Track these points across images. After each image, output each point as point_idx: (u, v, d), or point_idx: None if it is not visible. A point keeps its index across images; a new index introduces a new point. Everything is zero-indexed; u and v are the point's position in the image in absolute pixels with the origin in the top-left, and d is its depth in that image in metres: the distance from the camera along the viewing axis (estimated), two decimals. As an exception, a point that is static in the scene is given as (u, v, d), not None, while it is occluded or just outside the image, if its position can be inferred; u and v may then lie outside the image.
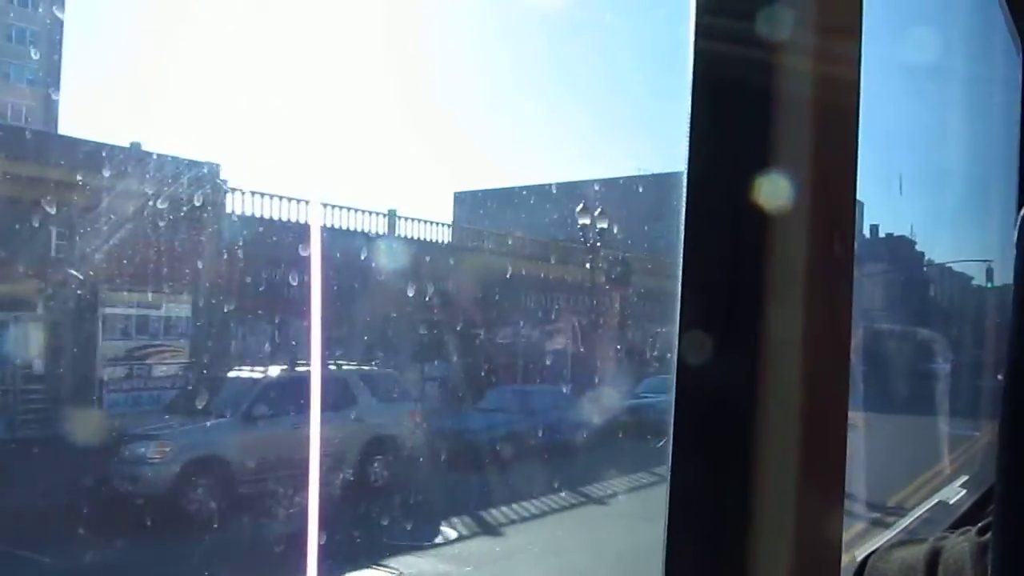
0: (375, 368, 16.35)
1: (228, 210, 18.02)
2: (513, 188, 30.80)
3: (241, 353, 16.14)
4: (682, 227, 1.10)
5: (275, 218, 18.65)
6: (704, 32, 1.06)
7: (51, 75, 20.32)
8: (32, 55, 21.90)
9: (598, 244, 21.42)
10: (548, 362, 22.39)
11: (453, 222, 22.23)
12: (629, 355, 25.11)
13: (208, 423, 12.33)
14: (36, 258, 14.56)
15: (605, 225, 21.45)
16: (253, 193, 18.50)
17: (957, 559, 0.99)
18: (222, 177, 17.65)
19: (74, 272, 14.73)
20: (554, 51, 30.58)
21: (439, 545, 10.35)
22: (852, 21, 1.11)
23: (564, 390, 20.78)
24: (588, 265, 21.43)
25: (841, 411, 1.11)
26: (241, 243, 17.74)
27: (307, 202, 19.79)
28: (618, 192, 27.05)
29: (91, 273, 14.90)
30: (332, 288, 18.30)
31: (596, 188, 24.48)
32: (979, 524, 1.03)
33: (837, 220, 1.09)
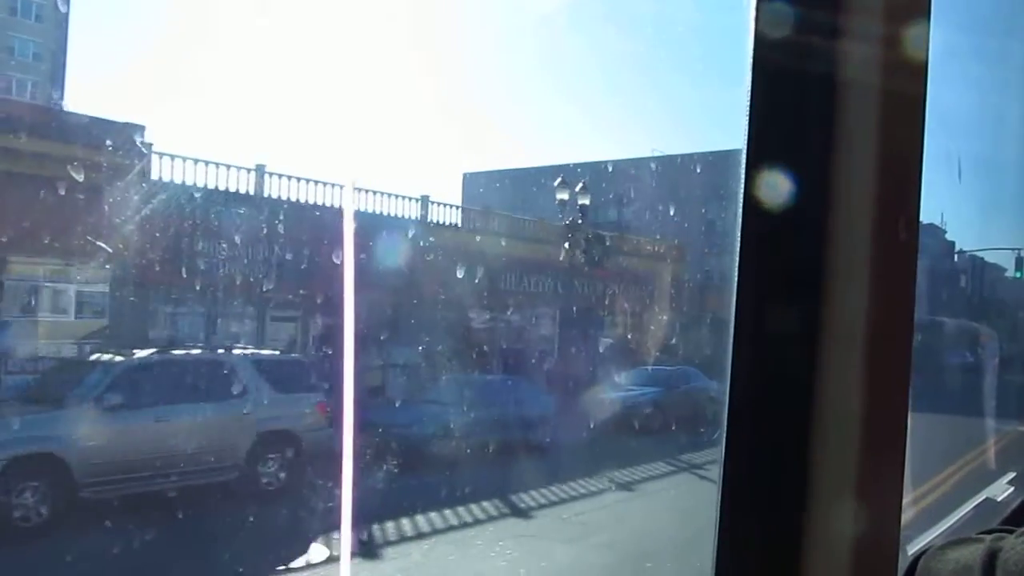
0: (276, 354, 14.63)
1: (153, 176, 15.79)
2: (494, 171, 28.67)
3: (141, 335, 13.86)
4: (739, 212, 1.08)
5: (207, 185, 16.33)
6: (765, 14, 1.06)
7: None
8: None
9: (579, 223, 18.98)
10: (524, 350, 20.19)
11: (422, 198, 20.71)
12: (617, 343, 23.27)
13: (46, 414, 10.58)
14: None
15: (587, 202, 19.06)
16: (183, 159, 16.21)
17: (1018, 562, 0.96)
18: (146, 140, 15.35)
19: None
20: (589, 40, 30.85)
21: (296, 571, 8.71)
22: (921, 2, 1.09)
23: (533, 381, 18.64)
24: (568, 245, 19.17)
25: (902, 400, 1.11)
26: (163, 211, 15.54)
27: (249, 169, 17.66)
28: (617, 173, 26.86)
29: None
30: (260, 266, 16.44)
31: (578, 170, 23.60)
32: None
33: (903, 205, 1.09)
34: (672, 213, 27.25)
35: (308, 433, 11.93)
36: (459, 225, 20.17)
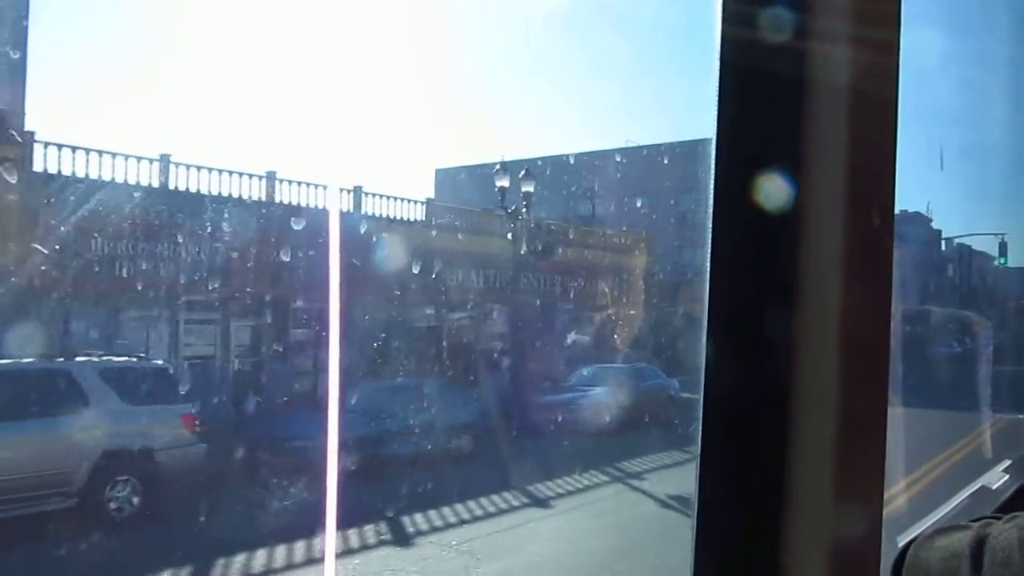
0: (133, 361, 12.88)
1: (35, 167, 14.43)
2: (467, 167, 28.31)
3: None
4: (710, 205, 1.10)
5: (104, 177, 15.00)
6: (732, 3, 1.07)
7: None
8: None
9: (522, 212, 17.62)
10: (461, 349, 18.72)
11: (355, 189, 19.57)
12: (566, 340, 21.80)
13: None
14: None
15: (530, 189, 17.66)
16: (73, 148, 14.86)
17: (1005, 547, 0.98)
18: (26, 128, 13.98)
19: None
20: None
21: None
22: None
23: (456, 384, 17.16)
24: (511, 236, 17.75)
25: (881, 388, 1.12)
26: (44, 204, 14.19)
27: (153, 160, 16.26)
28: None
29: None
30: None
31: (539, 162, 23.17)
32: None
33: (876, 193, 1.10)
34: (640, 204, 27.70)
35: (169, 450, 10.68)
36: (396, 218, 18.50)
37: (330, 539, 8.47)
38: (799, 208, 1.06)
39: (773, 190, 1.07)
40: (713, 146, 1.07)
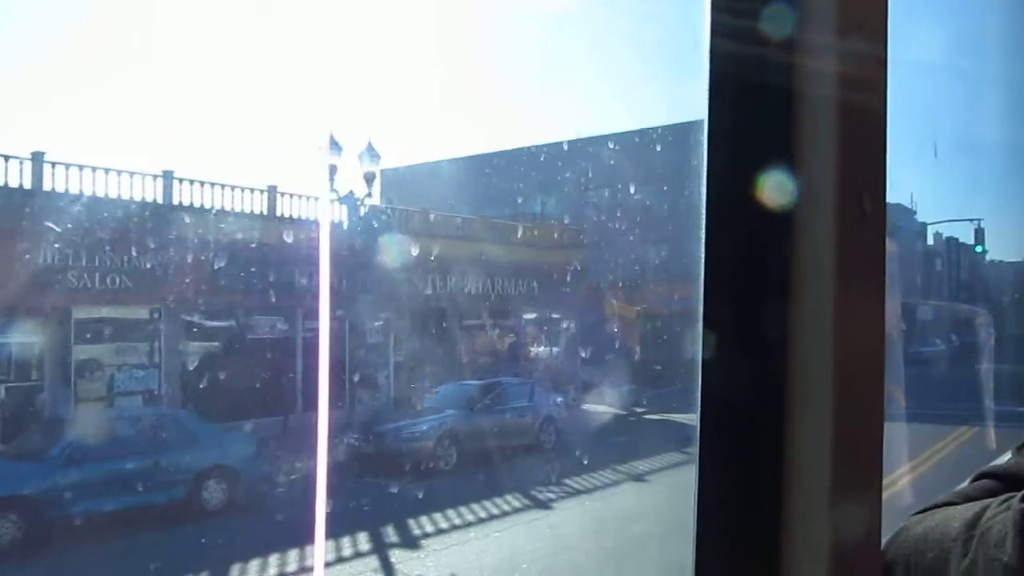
0: None
1: None
2: (416, 165, 26.46)
3: None
4: (703, 205, 1.11)
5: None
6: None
7: None
8: None
9: (362, 198, 14.58)
10: (259, 368, 15.36)
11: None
12: (431, 351, 18.74)
13: None
14: None
15: (375, 170, 14.61)
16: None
17: (1000, 529, 0.98)
18: None
19: None
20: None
21: None
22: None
23: (210, 416, 14.04)
24: (345, 225, 14.59)
25: (877, 384, 1.16)
26: None
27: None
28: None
29: None
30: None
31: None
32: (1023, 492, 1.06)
33: (867, 180, 1.13)
34: (596, 199, 25.17)
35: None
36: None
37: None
38: (791, 206, 1.09)
39: (766, 189, 1.10)
40: (705, 148, 1.10)
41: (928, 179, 49.00)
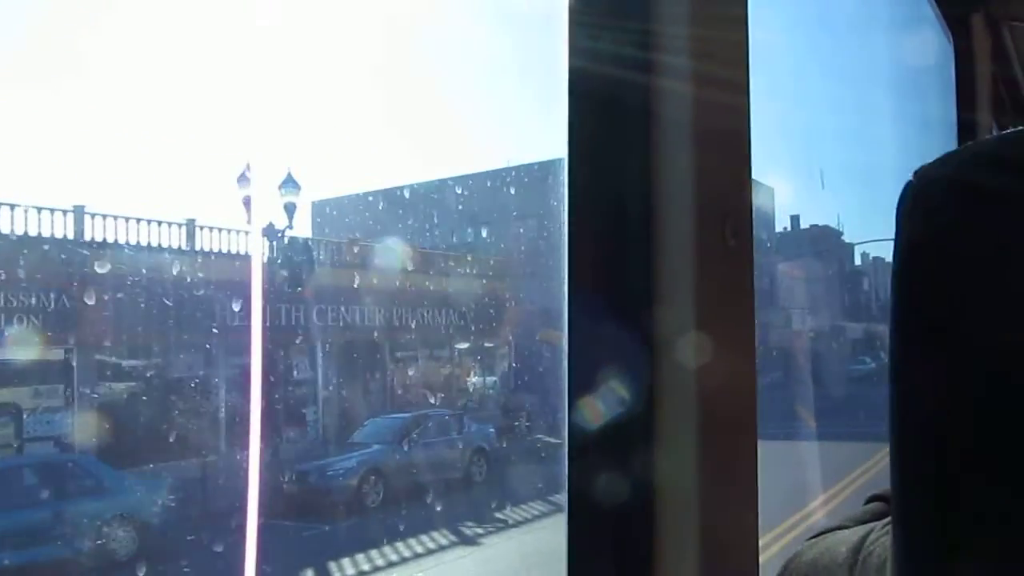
0: None
1: None
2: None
3: None
4: (565, 230, 1.11)
5: None
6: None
7: None
8: None
9: (283, 230, 14.14)
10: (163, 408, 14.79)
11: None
12: (361, 385, 18.41)
13: None
14: None
15: (293, 200, 14.29)
16: None
17: (880, 553, 0.98)
18: None
19: None
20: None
21: None
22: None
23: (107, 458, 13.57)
24: (265, 259, 14.11)
25: (750, 410, 1.17)
26: None
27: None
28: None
29: None
30: None
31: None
32: None
33: (728, 210, 1.12)
34: (521, 229, 24.76)
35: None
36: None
37: None
38: (649, 222, 1.09)
39: (626, 209, 1.11)
40: (566, 170, 1.11)
41: (854, 199, 50.39)
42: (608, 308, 1.10)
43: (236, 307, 16.96)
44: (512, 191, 25.76)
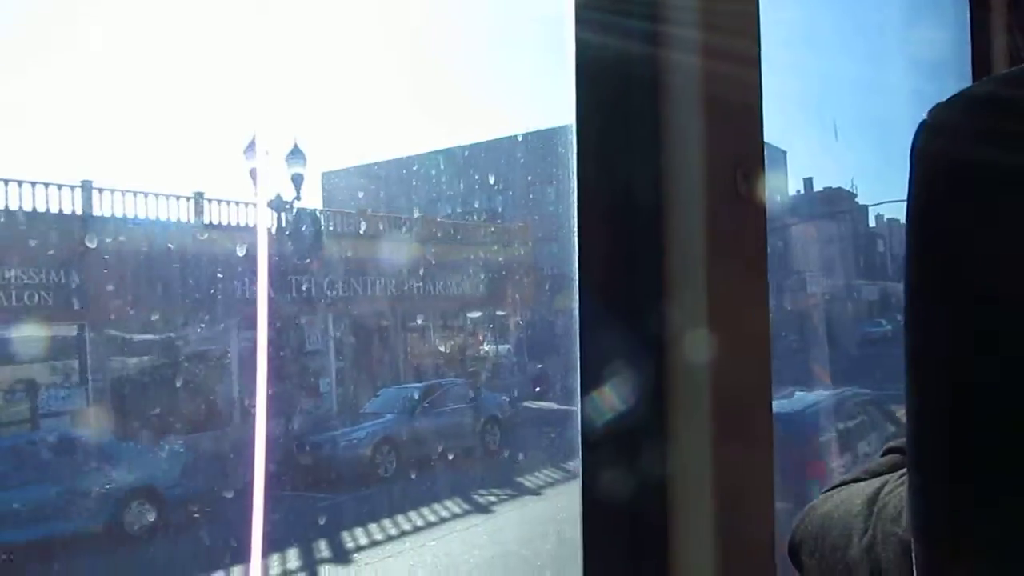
0: None
1: None
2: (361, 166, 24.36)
3: None
4: (575, 205, 1.07)
5: None
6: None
7: None
8: None
9: (290, 201, 14.17)
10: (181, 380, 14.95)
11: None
12: (374, 355, 18.50)
13: None
14: None
15: (301, 171, 14.34)
16: None
17: (896, 503, 0.98)
18: None
19: None
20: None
21: None
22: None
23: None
24: (273, 231, 14.15)
25: (765, 372, 1.13)
26: None
27: None
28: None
29: None
30: None
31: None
32: None
33: (741, 156, 1.07)
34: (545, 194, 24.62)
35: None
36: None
37: None
38: (664, 200, 1.06)
39: (636, 184, 1.08)
40: (574, 146, 1.06)
41: (870, 160, 49.80)
42: (620, 295, 1.08)
43: (247, 280, 17.08)
44: (523, 159, 25.70)
